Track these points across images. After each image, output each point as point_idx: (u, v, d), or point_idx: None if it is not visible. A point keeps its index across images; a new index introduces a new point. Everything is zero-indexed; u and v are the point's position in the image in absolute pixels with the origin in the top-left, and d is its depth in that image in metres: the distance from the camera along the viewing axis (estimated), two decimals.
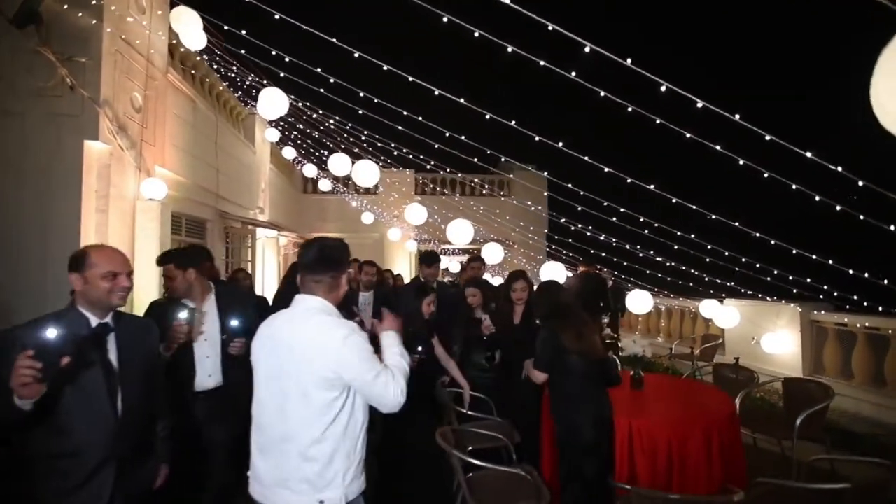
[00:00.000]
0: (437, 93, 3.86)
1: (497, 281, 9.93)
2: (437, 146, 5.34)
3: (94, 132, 3.78)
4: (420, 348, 2.50)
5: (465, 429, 2.70)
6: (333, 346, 1.40)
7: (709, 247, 5.26)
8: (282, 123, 8.97)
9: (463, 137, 4.89)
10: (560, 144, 4.18)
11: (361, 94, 4.78)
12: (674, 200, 4.51)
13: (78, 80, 3.73)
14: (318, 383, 1.38)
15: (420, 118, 4.66)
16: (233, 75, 7.37)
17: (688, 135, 3.61)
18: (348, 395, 1.44)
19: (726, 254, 5.17)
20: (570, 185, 5.23)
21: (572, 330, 2.23)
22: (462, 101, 3.97)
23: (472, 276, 4.09)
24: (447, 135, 4.97)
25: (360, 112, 5.03)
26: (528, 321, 2.77)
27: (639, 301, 4.97)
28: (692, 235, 5.29)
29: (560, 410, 2.28)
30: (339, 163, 4.59)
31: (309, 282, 1.54)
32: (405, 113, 4.72)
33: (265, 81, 6.49)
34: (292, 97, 6.98)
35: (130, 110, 4.26)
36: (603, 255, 6.74)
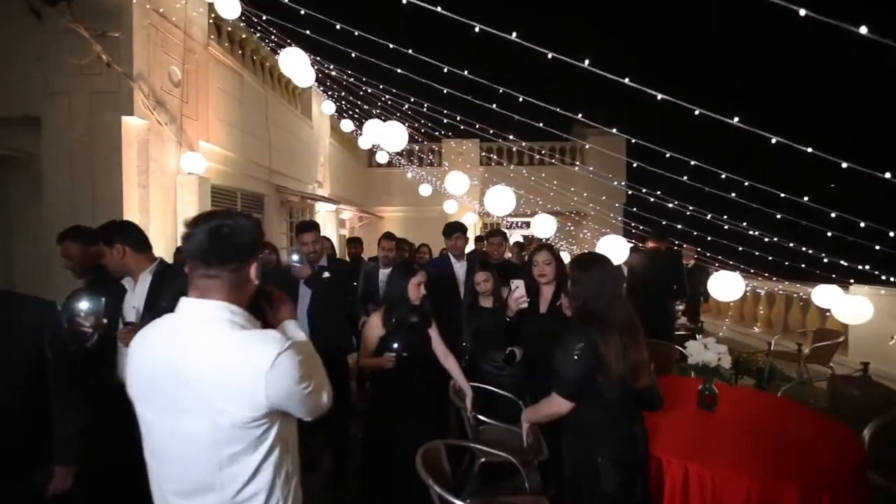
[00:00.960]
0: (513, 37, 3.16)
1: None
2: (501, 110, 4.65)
3: (130, 108, 3.82)
4: (396, 345, 2.12)
5: (470, 444, 2.27)
6: (257, 373, 1.00)
7: (833, 214, 3.96)
8: (342, 100, 8.89)
9: (517, 101, 4.25)
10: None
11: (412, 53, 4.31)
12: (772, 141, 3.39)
13: (112, 56, 3.76)
14: (237, 423, 1.02)
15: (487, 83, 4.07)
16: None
17: None
18: (276, 420, 1.08)
19: (862, 225, 3.78)
20: (654, 148, 4.36)
21: (616, 341, 1.56)
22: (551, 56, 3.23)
23: (488, 254, 3.61)
24: (521, 99, 4.33)
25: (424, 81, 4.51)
26: (558, 309, 2.25)
27: (724, 285, 3.85)
28: (805, 199, 4.04)
29: (570, 440, 1.66)
30: (372, 128, 4.26)
31: (199, 278, 1.07)
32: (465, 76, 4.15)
33: (317, 58, 6.31)
34: (350, 74, 6.79)
35: (168, 84, 4.28)
36: (694, 232, 5.64)
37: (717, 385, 2.28)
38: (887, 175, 2.96)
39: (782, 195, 3.95)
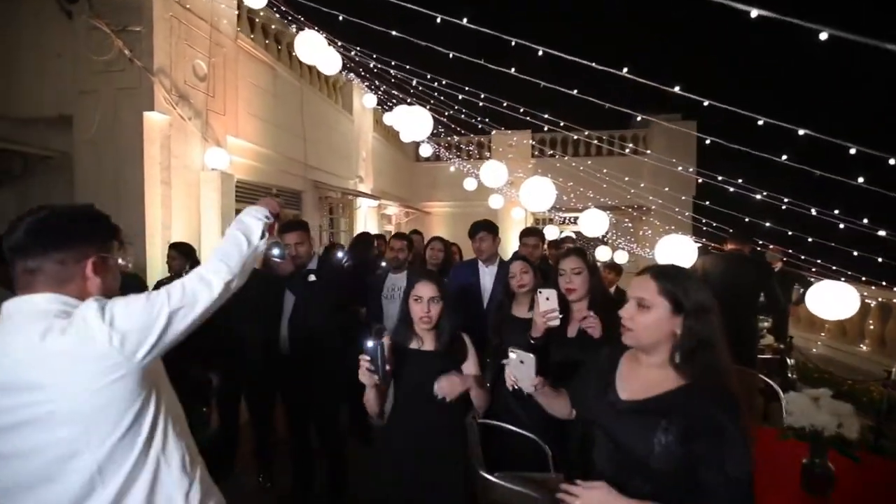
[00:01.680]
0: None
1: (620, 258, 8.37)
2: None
3: (151, 103, 3.75)
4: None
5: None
6: (95, 330, 0.88)
7: None
8: (384, 92, 8.67)
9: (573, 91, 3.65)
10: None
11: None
12: None
13: (134, 51, 3.71)
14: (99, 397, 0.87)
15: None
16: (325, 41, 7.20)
17: None
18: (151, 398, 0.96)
19: None
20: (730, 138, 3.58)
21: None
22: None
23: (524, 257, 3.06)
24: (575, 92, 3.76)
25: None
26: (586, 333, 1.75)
27: (831, 298, 2.51)
28: None
29: None
30: (395, 116, 3.85)
31: (22, 273, 0.94)
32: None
33: (356, 50, 6.05)
34: (394, 65, 6.48)
35: (193, 78, 4.20)
36: (789, 232, 4.57)
37: (834, 458, 1.46)
38: None
39: None
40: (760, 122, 3.10)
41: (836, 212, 3.81)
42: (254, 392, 2.62)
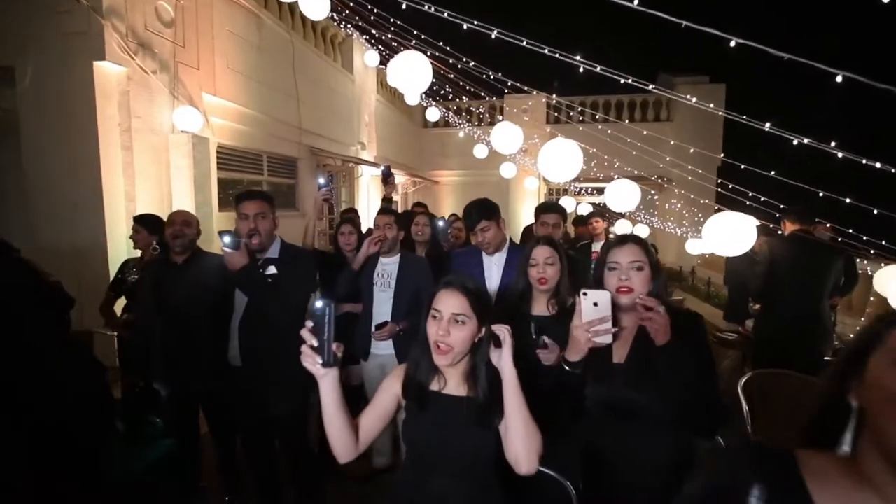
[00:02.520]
0: None
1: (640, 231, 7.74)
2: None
3: (101, 51, 3.18)
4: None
5: None
6: None
7: None
8: (386, 49, 7.92)
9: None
10: None
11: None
12: None
13: None
14: None
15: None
16: None
17: None
18: None
19: None
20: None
21: None
22: None
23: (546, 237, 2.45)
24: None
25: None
26: (644, 355, 1.19)
27: None
28: None
29: None
30: (392, 69, 3.13)
31: None
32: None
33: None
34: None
35: (156, 23, 3.59)
36: (847, 200, 3.91)
37: None
38: None
39: None
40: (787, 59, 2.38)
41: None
42: (210, 404, 2.17)
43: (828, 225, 3.96)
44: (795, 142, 3.08)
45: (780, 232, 3.18)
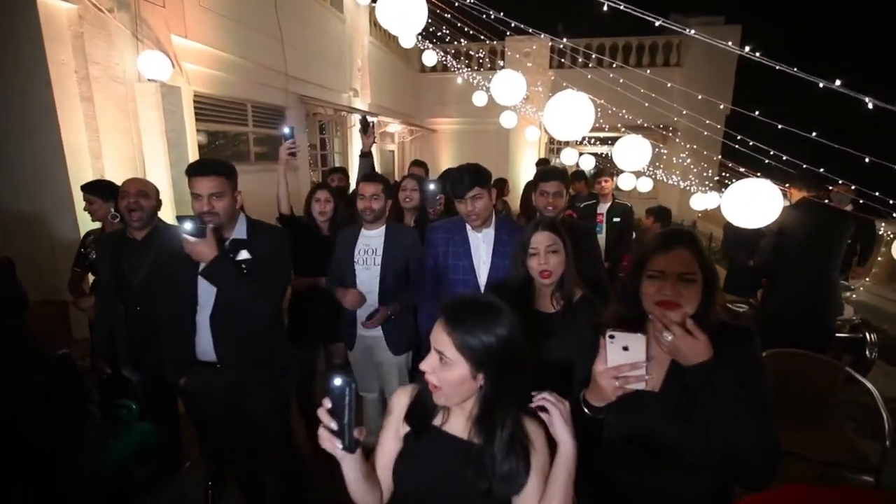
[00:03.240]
0: None
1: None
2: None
3: None
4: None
5: None
6: None
7: None
8: None
9: None
10: None
11: None
12: None
13: None
14: None
15: None
16: None
17: None
18: None
19: None
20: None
21: None
22: None
23: (538, 209, 2.15)
24: None
25: None
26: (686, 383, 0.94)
27: None
28: None
29: None
30: (384, 6, 2.67)
31: None
32: None
33: None
34: None
35: None
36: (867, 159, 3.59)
37: None
38: None
39: None
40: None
41: None
42: (186, 395, 2.03)
43: (852, 187, 3.70)
44: (822, 84, 2.76)
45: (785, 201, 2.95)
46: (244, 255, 1.55)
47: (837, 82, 2.58)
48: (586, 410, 0.98)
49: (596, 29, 10.74)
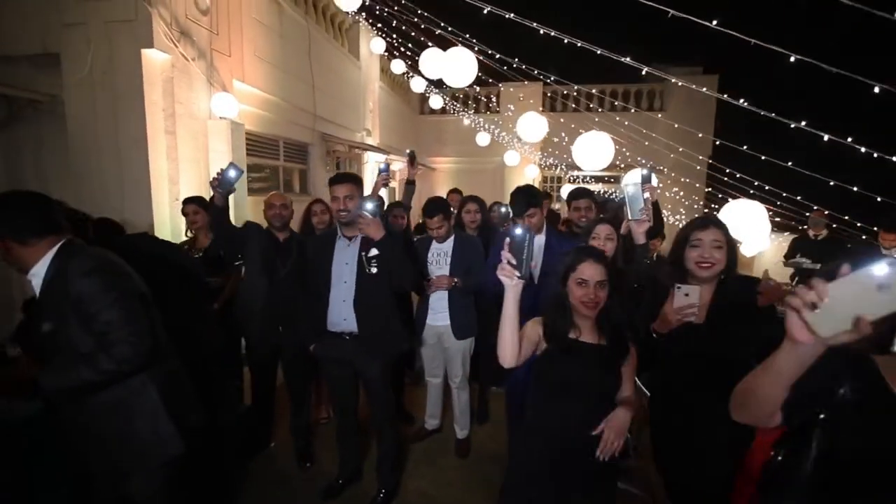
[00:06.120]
0: None
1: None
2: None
3: (149, 38, 3.29)
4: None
5: None
6: None
7: None
8: (391, 36, 8.02)
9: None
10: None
11: None
12: None
13: None
14: None
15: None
16: None
17: None
18: None
19: None
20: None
21: None
22: None
23: (572, 222, 2.79)
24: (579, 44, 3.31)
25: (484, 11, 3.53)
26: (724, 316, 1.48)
27: None
28: None
29: None
30: (431, 59, 3.39)
31: None
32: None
33: None
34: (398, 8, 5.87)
35: (195, 12, 3.69)
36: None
37: None
38: None
39: None
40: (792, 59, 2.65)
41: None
42: (290, 360, 2.45)
43: (825, 212, 4.32)
44: (793, 125, 3.39)
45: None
46: (374, 251, 2.00)
47: (803, 122, 3.23)
48: (654, 335, 1.45)
49: (586, 76, 11.79)
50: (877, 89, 2.49)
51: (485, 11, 3.37)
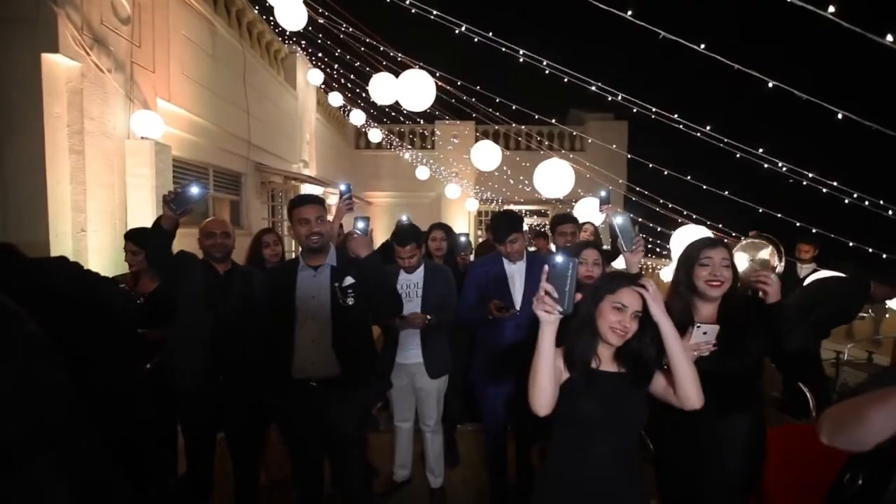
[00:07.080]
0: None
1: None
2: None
3: (54, 42, 2.80)
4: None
5: None
6: None
7: None
8: (328, 67, 7.87)
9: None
10: None
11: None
12: None
13: None
14: None
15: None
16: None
17: None
18: None
19: None
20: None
21: None
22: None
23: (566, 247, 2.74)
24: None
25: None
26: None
27: None
28: None
29: None
30: (381, 85, 3.26)
31: None
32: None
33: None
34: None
35: (112, 19, 3.25)
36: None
37: None
38: None
39: None
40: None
41: None
42: (234, 418, 1.98)
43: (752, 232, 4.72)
44: (689, 177, 3.96)
45: None
46: (349, 280, 1.71)
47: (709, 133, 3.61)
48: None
49: (512, 118, 12.47)
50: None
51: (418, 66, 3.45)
